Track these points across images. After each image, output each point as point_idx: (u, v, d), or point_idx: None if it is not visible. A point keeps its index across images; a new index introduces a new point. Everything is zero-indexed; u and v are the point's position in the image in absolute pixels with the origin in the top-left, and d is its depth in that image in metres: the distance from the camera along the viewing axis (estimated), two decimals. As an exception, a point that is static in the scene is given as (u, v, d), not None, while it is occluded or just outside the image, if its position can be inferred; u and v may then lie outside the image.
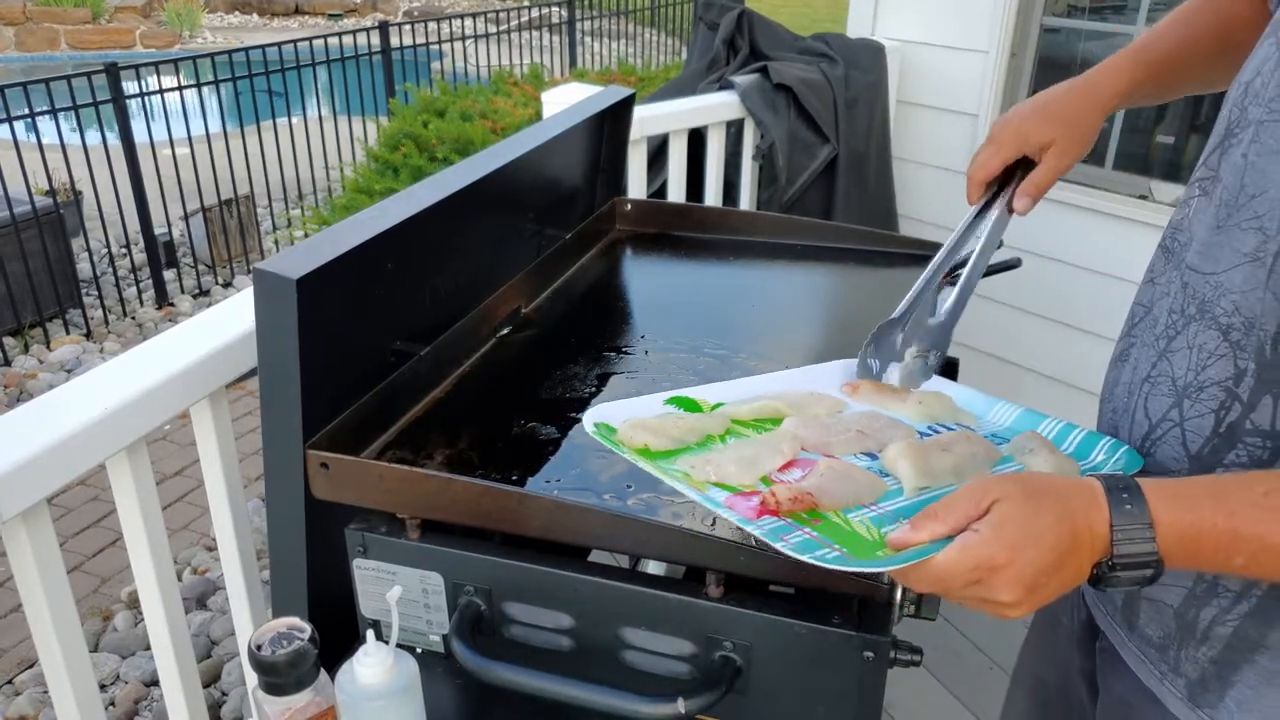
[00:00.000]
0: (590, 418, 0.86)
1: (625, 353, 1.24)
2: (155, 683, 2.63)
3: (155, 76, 5.06)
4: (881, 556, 0.71)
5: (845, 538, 0.74)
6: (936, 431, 0.94)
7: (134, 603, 2.90)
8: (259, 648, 0.81)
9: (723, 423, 0.90)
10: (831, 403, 0.97)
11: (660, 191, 2.52)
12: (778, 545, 0.70)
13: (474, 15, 8.13)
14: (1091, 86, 1.06)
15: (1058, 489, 0.71)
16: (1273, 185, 0.76)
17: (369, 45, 6.00)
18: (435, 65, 7.64)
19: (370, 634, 0.84)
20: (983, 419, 0.98)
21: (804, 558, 0.69)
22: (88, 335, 4.84)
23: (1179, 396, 0.84)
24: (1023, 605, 0.68)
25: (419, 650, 0.99)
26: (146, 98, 5.08)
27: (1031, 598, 0.68)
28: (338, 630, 0.98)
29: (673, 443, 0.85)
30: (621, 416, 0.87)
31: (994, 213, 1.08)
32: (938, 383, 1.04)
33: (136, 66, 4.91)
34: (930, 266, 1.07)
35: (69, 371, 4.51)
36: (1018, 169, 1.09)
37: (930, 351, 1.03)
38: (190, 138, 5.14)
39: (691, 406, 0.93)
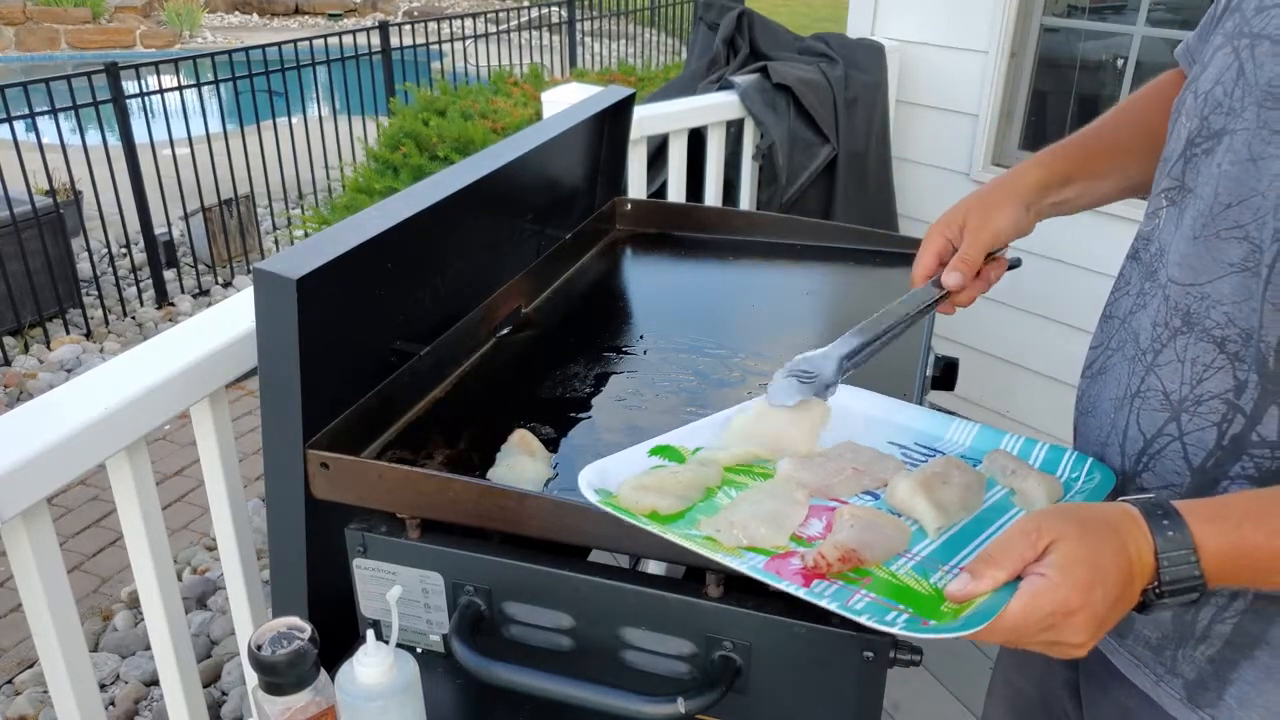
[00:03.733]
0: (586, 483, 0.81)
1: (625, 353, 1.24)
2: (155, 682, 2.63)
3: (155, 76, 5.05)
4: (946, 611, 0.70)
5: (903, 595, 0.73)
6: (910, 456, 0.93)
7: (134, 602, 2.90)
8: (259, 647, 0.81)
9: (717, 472, 0.87)
10: (803, 432, 0.94)
11: (660, 191, 2.52)
12: (844, 613, 0.69)
13: (474, 15, 8.14)
14: (1009, 176, 1.05)
15: (1108, 520, 0.70)
16: (1253, 193, 0.76)
17: (369, 45, 6.00)
18: (435, 65, 7.63)
19: (370, 634, 0.83)
20: (942, 439, 0.97)
21: (885, 628, 0.67)
22: (88, 335, 4.84)
23: (1175, 411, 0.84)
24: (1090, 643, 0.67)
25: (419, 650, 0.99)
26: (146, 97, 5.08)
27: (1098, 634, 0.68)
28: (338, 630, 0.98)
29: (680, 502, 0.82)
30: (614, 475, 0.84)
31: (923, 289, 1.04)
32: (890, 404, 1.01)
33: (136, 66, 4.91)
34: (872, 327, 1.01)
35: (69, 371, 4.51)
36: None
37: (812, 375, 0.96)
38: (190, 138, 5.14)
39: (675, 455, 0.89)
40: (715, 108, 2.57)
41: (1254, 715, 0.83)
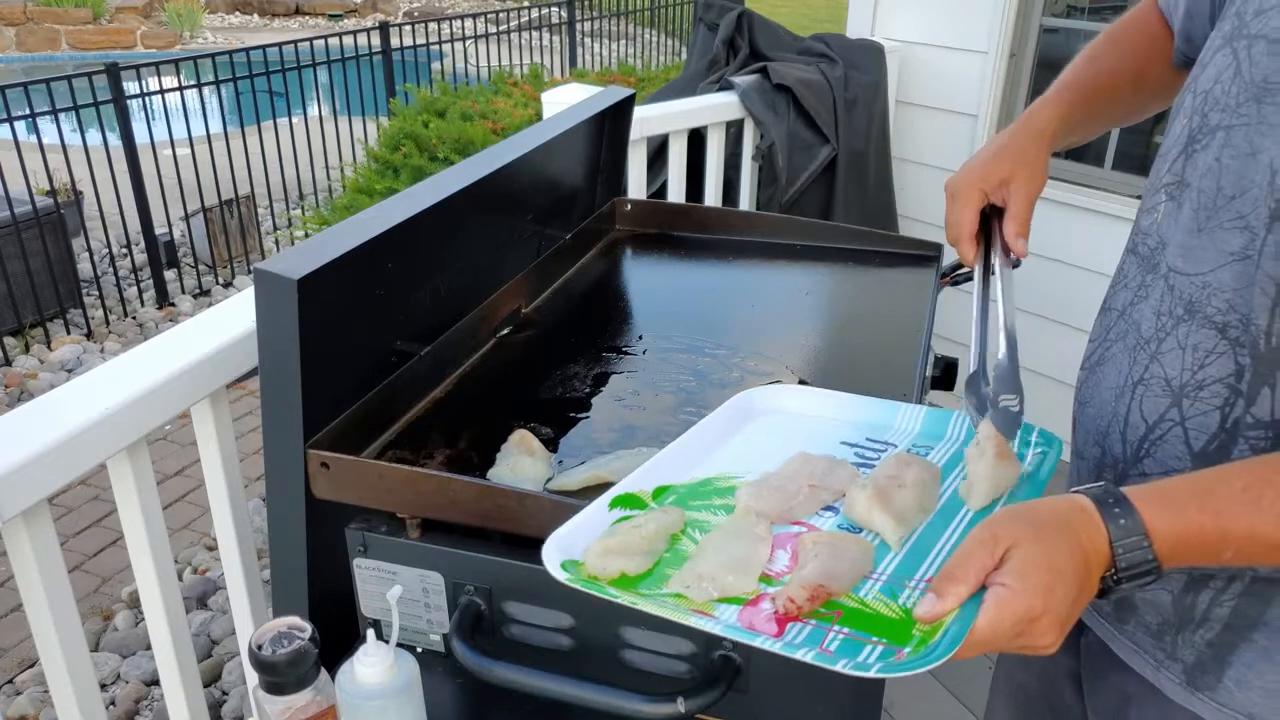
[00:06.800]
0: (551, 557, 0.76)
1: (625, 353, 1.24)
2: (156, 682, 2.63)
3: (156, 77, 5.06)
4: (919, 634, 0.69)
5: (875, 624, 0.71)
6: (863, 455, 0.93)
7: (135, 602, 2.90)
8: (259, 647, 0.81)
9: (679, 516, 0.83)
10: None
11: (660, 191, 2.52)
12: (819, 662, 0.67)
13: (474, 16, 8.13)
14: (1029, 120, 1.06)
15: (1059, 516, 0.71)
16: (1253, 185, 0.79)
17: (369, 46, 6.00)
18: (435, 65, 7.64)
19: (370, 633, 0.84)
20: (891, 428, 0.97)
21: (862, 673, 0.65)
22: (88, 335, 4.84)
23: (1176, 397, 0.85)
24: (1058, 641, 0.69)
25: (419, 649, 0.99)
26: (147, 98, 5.09)
27: (1064, 631, 0.69)
28: (338, 629, 0.99)
29: (647, 558, 0.78)
30: (578, 541, 0.78)
31: (997, 264, 1.05)
32: (836, 399, 1.01)
33: (137, 67, 4.92)
34: (975, 321, 1.03)
35: (70, 371, 4.51)
36: (991, 217, 1.07)
37: (1014, 397, 0.96)
38: (191, 138, 5.14)
39: (636, 502, 0.85)
40: (715, 108, 2.58)
41: (1253, 695, 0.84)
